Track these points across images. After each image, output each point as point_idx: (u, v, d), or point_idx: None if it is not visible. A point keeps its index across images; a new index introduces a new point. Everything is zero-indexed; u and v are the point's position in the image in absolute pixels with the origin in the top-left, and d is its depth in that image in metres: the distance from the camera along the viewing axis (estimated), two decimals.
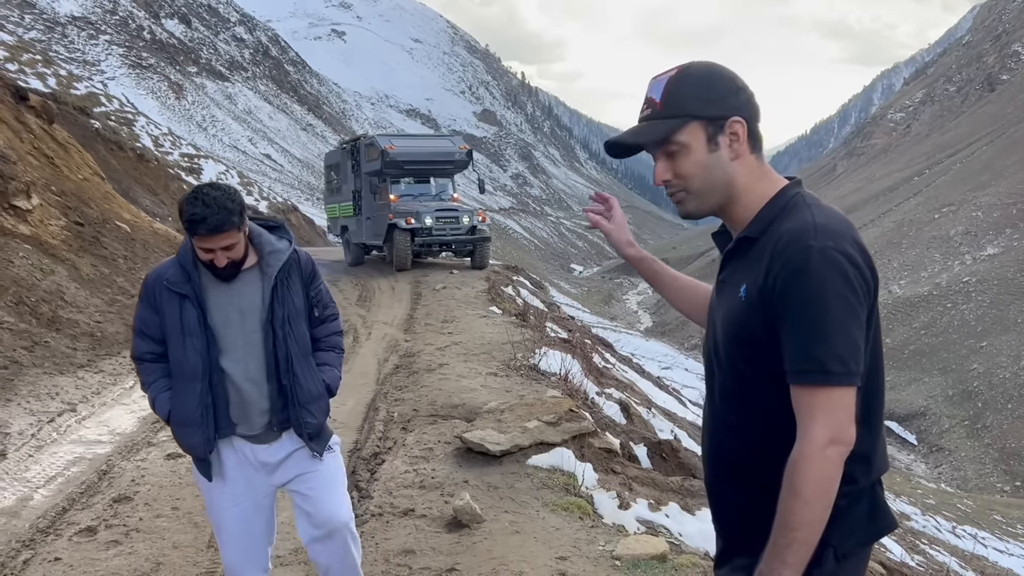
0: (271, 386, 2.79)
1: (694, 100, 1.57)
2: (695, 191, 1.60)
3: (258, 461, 2.85)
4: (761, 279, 1.49)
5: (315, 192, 72.39)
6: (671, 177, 1.61)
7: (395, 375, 8.05)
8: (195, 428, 2.72)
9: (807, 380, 1.42)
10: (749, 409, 1.58)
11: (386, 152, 16.84)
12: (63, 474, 5.24)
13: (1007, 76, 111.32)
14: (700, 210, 1.63)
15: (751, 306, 1.51)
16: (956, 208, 61.94)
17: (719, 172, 1.59)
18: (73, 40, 77.08)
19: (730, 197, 1.61)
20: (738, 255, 1.62)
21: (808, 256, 1.44)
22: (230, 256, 2.63)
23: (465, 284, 14.71)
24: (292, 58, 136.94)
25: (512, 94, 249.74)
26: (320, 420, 2.91)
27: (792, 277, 1.44)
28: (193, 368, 2.68)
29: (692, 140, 1.57)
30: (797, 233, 1.48)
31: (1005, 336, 42.08)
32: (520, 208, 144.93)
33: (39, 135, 13.07)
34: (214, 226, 2.53)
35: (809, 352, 1.42)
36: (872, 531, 1.56)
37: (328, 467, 2.97)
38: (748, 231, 1.59)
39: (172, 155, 34.58)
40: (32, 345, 7.49)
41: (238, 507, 2.87)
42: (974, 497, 27.58)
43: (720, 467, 1.68)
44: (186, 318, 2.67)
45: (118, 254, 11.52)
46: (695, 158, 1.58)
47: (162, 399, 2.76)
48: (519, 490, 4.85)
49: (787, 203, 1.57)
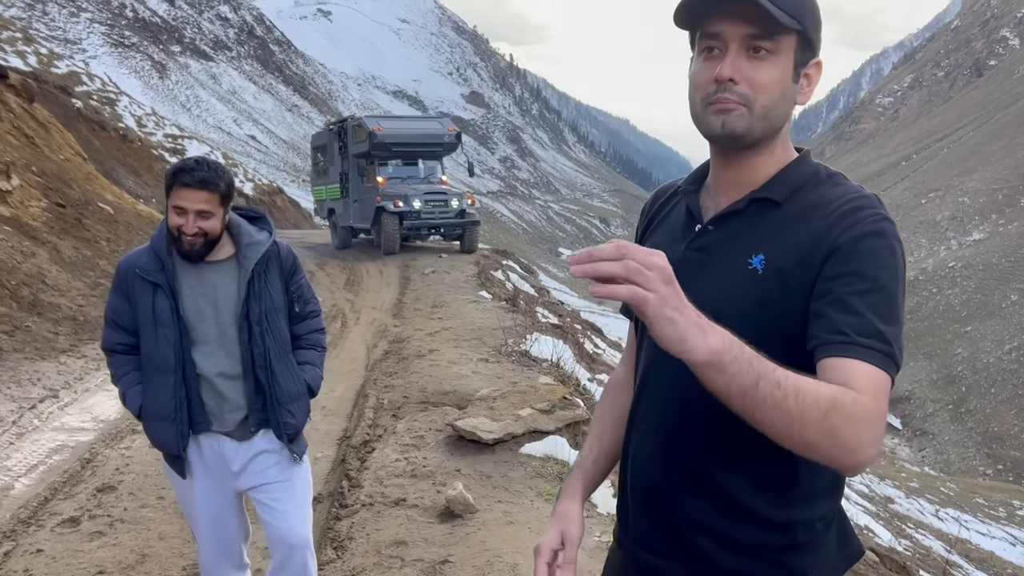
0: (247, 384, 2.66)
1: (810, 12, 1.26)
2: (758, 110, 1.25)
3: (226, 459, 2.72)
4: (805, 248, 1.21)
5: (301, 174, 71.94)
6: (741, 80, 1.24)
7: (385, 361, 7.95)
8: (168, 423, 2.60)
9: (871, 358, 1.11)
10: None
11: (374, 134, 16.67)
12: (45, 462, 5.12)
13: (995, 61, 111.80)
14: (748, 134, 1.26)
15: (768, 280, 1.23)
16: (943, 193, 62.30)
17: (785, 106, 1.29)
18: (54, 18, 76.00)
19: (769, 141, 1.31)
20: (745, 219, 1.31)
21: (883, 225, 1.21)
22: (202, 226, 2.49)
23: (454, 268, 14.61)
24: (277, 38, 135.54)
25: (500, 76, 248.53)
26: (300, 421, 2.78)
27: (865, 239, 1.19)
28: (165, 360, 2.56)
29: (787, 54, 1.26)
30: (863, 200, 1.24)
31: (989, 321, 42.46)
32: (508, 191, 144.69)
33: (19, 114, 12.82)
34: (200, 179, 2.43)
35: (878, 329, 1.13)
36: (843, 558, 1.37)
37: (296, 480, 2.82)
38: (769, 192, 1.30)
39: (155, 136, 34.11)
40: (12, 329, 7.34)
41: (210, 505, 2.75)
42: (957, 480, 27.86)
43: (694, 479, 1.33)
44: (158, 308, 2.54)
45: (101, 236, 11.33)
46: (780, 74, 1.26)
47: (133, 392, 2.63)
48: (512, 479, 4.78)
49: (816, 171, 1.33)
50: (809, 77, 1.31)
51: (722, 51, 1.25)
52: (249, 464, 2.74)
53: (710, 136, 1.31)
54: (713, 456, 1.31)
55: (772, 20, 1.20)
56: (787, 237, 1.25)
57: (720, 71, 1.23)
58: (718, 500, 1.31)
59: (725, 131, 1.26)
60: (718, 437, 1.29)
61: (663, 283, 0.99)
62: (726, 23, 1.23)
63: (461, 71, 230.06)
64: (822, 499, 1.32)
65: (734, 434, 1.23)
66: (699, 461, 1.32)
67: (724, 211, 1.34)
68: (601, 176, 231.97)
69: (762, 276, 1.24)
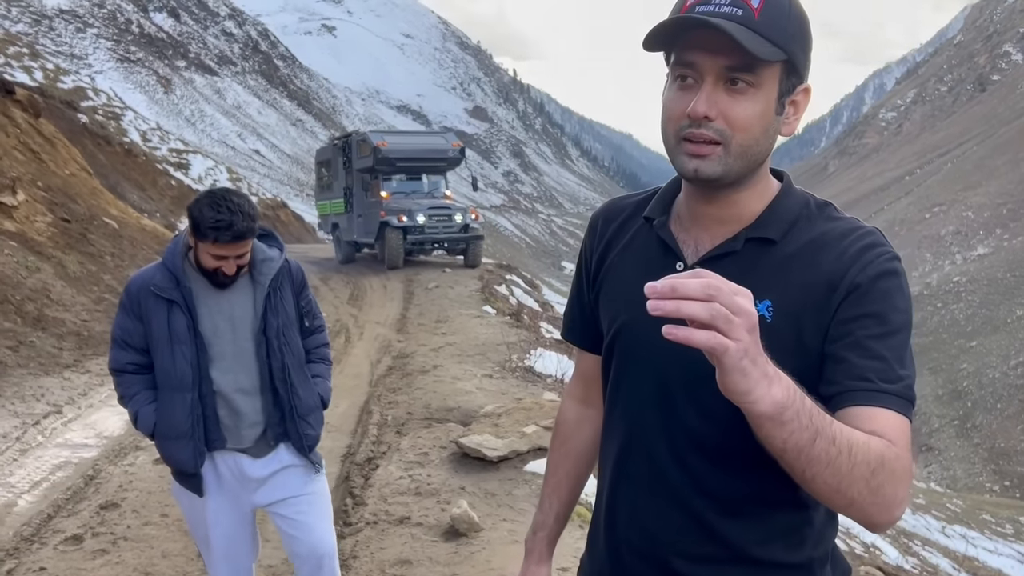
0: (264, 398, 2.68)
1: (797, 37, 1.13)
2: (735, 149, 1.14)
3: (244, 475, 2.73)
4: (818, 290, 1.13)
5: (304, 188, 72.08)
6: (716, 117, 1.12)
7: (388, 377, 7.93)
8: (184, 441, 2.59)
9: (897, 406, 1.07)
10: (759, 464, 1.12)
11: (378, 149, 16.70)
12: (48, 479, 5.11)
13: (998, 76, 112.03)
14: (724, 176, 1.15)
15: (781, 328, 1.13)
16: (947, 208, 62.27)
17: (767, 142, 1.17)
18: (60, 33, 76.42)
19: (750, 177, 1.20)
20: (741, 261, 1.19)
21: (895, 264, 1.14)
22: (240, 264, 2.54)
23: (458, 283, 14.60)
24: (282, 53, 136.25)
25: (503, 90, 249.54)
26: (319, 432, 2.82)
27: (881, 279, 1.12)
28: (182, 378, 2.56)
29: (770, 85, 1.14)
30: (872, 237, 1.16)
31: (995, 336, 42.30)
32: (511, 205, 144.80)
33: (25, 129, 12.88)
34: (239, 233, 2.43)
35: (900, 375, 1.08)
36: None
37: (317, 493, 2.87)
38: (764, 231, 1.19)
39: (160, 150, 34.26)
40: (17, 345, 7.34)
41: (222, 524, 2.75)
42: (964, 497, 27.66)
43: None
44: (175, 325, 2.54)
45: (105, 251, 11.35)
46: (762, 109, 1.14)
47: (146, 412, 2.62)
48: (517, 497, 4.75)
49: (806, 202, 1.23)
50: (796, 105, 1.20)
51: (697, 81, 1.13)
52: (269, 479, 2.76)
53: (683, 177, 1.21)
54: (723, 509, 1.22)
55: (749, 53, 1.08)
56: (794, 280, 1.16)
57: (694, 107, 1.11)
58: (731, 551, 1.23)
59: (699, 176, 1.16)
60: (728, 490, 1.22)
61: (747, 331, 0.89)
62: (701, 54, 1.11)
63: (465, 86, 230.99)
64: (829, 530, 1.29)
65: (746, 486, 1.19)
66: (707, 515, 1.23)
67: (717, 252, 1.21)
68: (605, 190, 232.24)
69: (772, 324, 1.13)
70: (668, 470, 1.25)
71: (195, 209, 2.44)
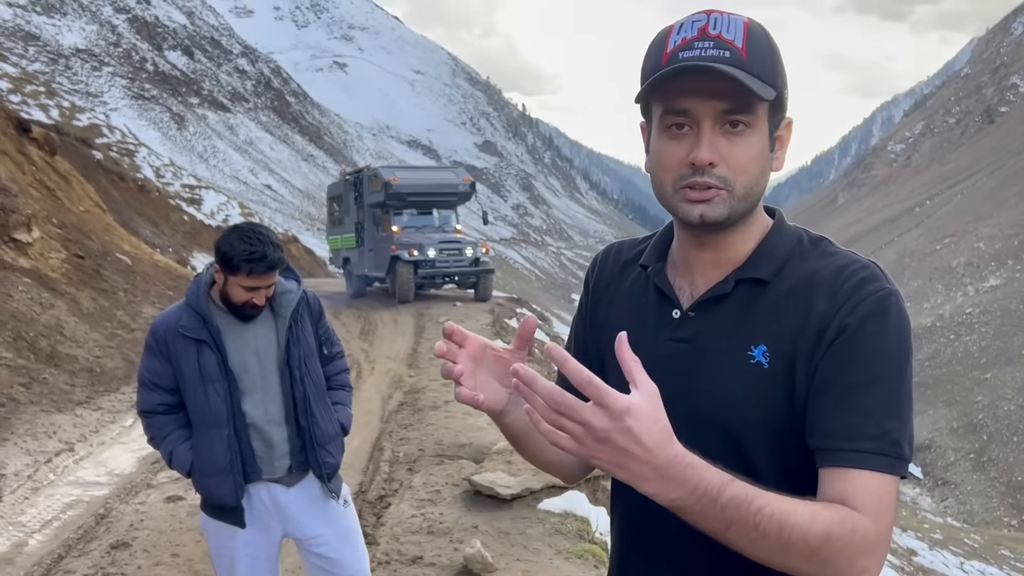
0: (290, 428, 2.75)
1: (779, 72, 1.12)
2: (739, 192, 1.11)
3: (278, 504, 2.79)
4: (810, 332, 1.08)
5: (315, 222, 72.54)
6: (719, 163, 1.09)
7: (400, 412, 7.89)
8: (224, 476, 2.65)
9: (877, 465, 1.01)
10: None
11: (389, 184, 16.82)
12: (59, 518, 5.08)
13: (1006, 108, 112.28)
14: (729, 218, 1.12)
15: (778, 374, 1.09)
16: (957, 239, 62.09)
17: (765, 179, 1.15)
18: (76, 72, 77.69)
19: (748, 217, 1.17)
20: (733, 304, 1.16)
21: (888, 303, 1.08)
22: (268, 295, 2.64)
23: (469, 317, 14.59)
24: (294, 89, 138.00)
25: (513, 125, 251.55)
26: (338, 460, 2.88)
27: (868, 322, 1.06)
28: (217, 415, 2.62)
29: (763, 123, 1.12)
30: (865, 272, 1.11)
31: (1009, 368, 41.88)
32: (521, 238, 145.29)
33: (41, 167, 13.04)
34: (272, 263, 2.54)
35: (885, 428, 1.03)
36: None
37: (346, 524, 2.93)
38: (755, 271, 1.16)
39: (173, 186, 34.62)
40: (30, 381, 7.35)
41: (252, 555, 2.78)
42: (981, 531, 27.22)
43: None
44: (205, 364, 2.60)
45: (118, 287, 11.41)
46: (760, 149, 1.12)
47: (181, 451, 2.67)
48: (531, 536, 4.69)
49: (799, 238, 1.20)
50: (781, 139, 1.17)
51: (693, 128, 1.09)
52: (303, 512, 2.81)
53: (686, 224, 1.16)
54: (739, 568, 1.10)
55: (750, 92, 1.05)
56: (788, 322, 1.11)
57: (698, 155, 1.08)
58: None
59: (705, 221, 1.12)
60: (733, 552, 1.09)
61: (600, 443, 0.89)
62: (694, 99, 1.08)
63: (474, 121, 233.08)
64: None
65: None
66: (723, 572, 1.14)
67: (707, 296, 1.18)
68: (614, 223, 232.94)
69: (770, 370, 1.09)
70: (680, 534, 1.12)
71: (225, 244, 2.52)
